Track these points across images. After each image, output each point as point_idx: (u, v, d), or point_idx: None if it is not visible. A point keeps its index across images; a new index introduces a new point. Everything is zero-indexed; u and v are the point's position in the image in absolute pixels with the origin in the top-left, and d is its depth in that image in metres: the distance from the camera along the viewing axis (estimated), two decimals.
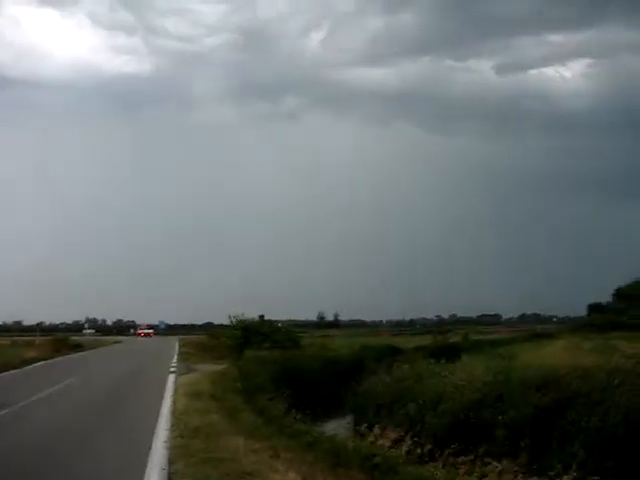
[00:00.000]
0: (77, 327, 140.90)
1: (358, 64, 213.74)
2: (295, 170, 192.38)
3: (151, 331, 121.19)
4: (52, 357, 41.77)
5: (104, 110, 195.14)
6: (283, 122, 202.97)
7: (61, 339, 58.29)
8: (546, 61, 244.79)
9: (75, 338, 69.23)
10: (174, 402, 17.90)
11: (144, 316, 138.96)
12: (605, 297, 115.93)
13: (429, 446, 17.38)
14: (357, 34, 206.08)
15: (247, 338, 41.98)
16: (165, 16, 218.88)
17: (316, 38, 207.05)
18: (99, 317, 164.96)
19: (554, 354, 32.11)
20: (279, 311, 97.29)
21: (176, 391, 20.75)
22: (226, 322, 49.16)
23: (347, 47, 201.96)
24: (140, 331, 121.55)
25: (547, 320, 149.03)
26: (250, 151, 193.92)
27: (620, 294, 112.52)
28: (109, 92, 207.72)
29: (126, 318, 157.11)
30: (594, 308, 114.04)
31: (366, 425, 22.23)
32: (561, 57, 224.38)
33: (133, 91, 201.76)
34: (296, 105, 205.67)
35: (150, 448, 11.45)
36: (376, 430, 21.00)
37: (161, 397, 19.16)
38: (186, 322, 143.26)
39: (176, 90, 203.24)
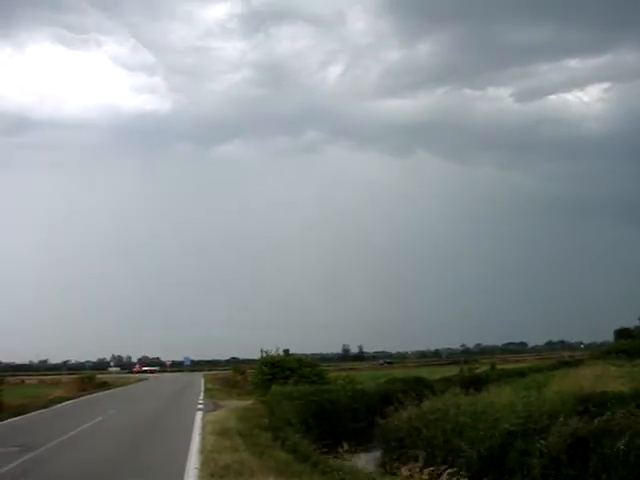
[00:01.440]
0: (102, 365, 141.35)
1: (376, 96, 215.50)
2: (314, 204, 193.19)
3: (154, 368, 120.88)
4: (79, 396, 41.82)
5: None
6: (303, 155, 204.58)
7: (88, 377, 58.36)
8: (565, 86, 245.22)
9: (101, 376, 69.30)
10: (202, 440, 17.81)
11: (169, 352, 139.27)
12: (632, 322, 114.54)
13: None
14: (374, 67, 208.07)
15: (273, 373, 41.80)
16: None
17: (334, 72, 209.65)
18: (124, 354, 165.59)
19: (583, 382, 31.67)
20: (304, 345, 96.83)
21: (204, 428, 20.67)
22: (250, 357, 49.18)
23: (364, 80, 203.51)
24: (137, 369, 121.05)
25: (574, 347, 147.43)
26: (271, 185, 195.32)
27: None
28: (130, 129, 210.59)
29: (152, 355, 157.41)
30: (621, 333, 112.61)
31: (397, 459, 21.97)
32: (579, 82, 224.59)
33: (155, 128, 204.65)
34: (316, 138, 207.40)
35: None
36: (405, 464, 20.71)
37: (189, 435, 19.04)
38: (211, 358, 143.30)
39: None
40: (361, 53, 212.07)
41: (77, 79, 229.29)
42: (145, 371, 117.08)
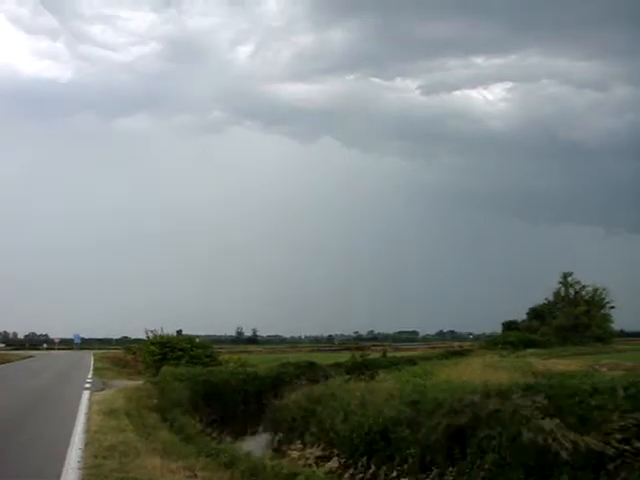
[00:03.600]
0: None
1: (285, 79, 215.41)
2: (218, 185, 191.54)
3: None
4: None
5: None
6: (208, 135, 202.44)
7: None
8: (470, 83, 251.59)
9: None
10: (88, 420, 17.46)
11: (58, 329, 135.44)
12: (519, 315, 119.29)
13: (347, 462, 17.45)
14: (285, 50, 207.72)
15: (164, 354, 41.36)
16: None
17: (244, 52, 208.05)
18: (10, 330, 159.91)
19: (469, 372, 32.71)
20: (197, 326, 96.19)
21: (90, 408, 20.26)
22: (143, 336, 48.38)
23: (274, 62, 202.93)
24: None
25: (464, 337, 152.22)
26: (172, 164, 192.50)
27: (533, 313, 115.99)
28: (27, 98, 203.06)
29: (39, 332, 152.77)
30: (509, 325, 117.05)
31: (284, 442, 22.17)
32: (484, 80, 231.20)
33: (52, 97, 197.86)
34: (222, 118, 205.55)
35: (62, 468, 11.13)
36: (297, 447, 20.93)
37: (74, 416, 18.60)
38: (102, 336, 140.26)
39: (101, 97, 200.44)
40: (273, 35, 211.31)
41: None
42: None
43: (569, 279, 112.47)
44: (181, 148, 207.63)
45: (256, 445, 22.14)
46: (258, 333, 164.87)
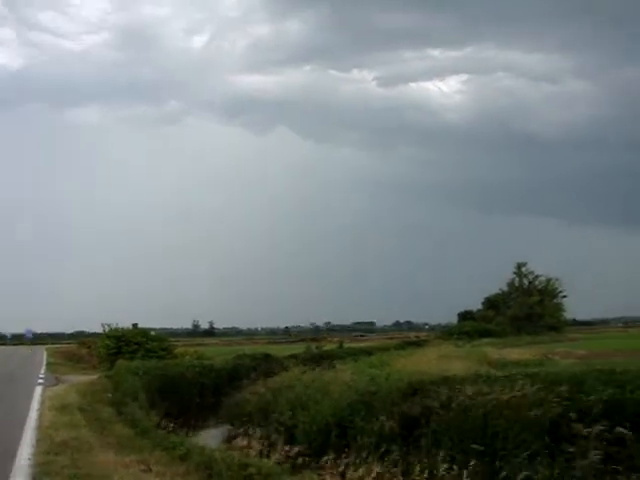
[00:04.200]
0: None
1: (241, 70, 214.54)
2: (173, 177, 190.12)
3: None
4: None
5: None
6: (163, 126, 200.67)
7: None
8: (426, 75, 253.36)
9: None
10: (40, 416, 17.20)
11: (8, 324, 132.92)
12: (476, 306, 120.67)
13: (303, 453, 17.48)
14: (241, 40, 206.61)
15: (119, 347, 40.95)
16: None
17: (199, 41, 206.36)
18: None
19: (425, 362, 33.03)
20: (153, 320, 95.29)
21: (42, 404, 19.97)
22: (97, 330, 47.88)
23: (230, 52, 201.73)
24: None
25: (420, 327, 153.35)
26: (125, 155, 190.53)
27: (488, 303, 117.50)
28: None
29: None
30: (464, 316, 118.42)
31: (240, 434, 22.13)
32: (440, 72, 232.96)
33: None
34: (177, 109, 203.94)
35: (12, 466, 10.93)
36: (251, 439, 20.91)
37: (26, 412, 18.29)
38: (55, 331, 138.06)
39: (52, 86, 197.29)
40: (228, 25, 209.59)
41: None
42: None
43: (523, 269, 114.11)
44: (135, 139, 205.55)
45: (212, 438, 22.06)
46: (215, 325, 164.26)
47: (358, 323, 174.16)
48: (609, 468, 10.51)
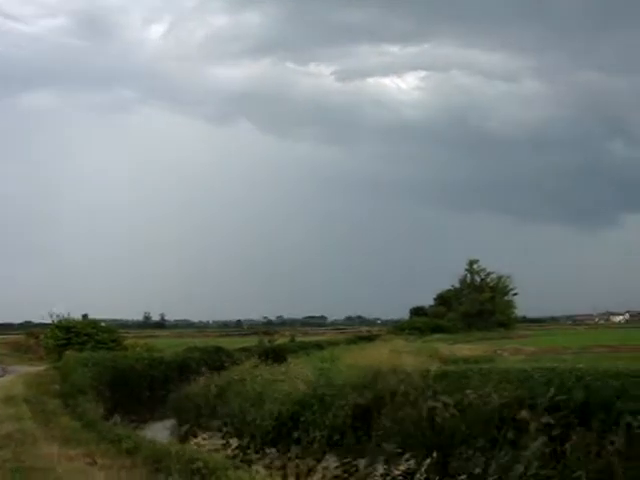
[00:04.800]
0: None
1: (199, 60, 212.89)
2: (123, 166, 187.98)
3: None
4: None
5: None
6: (118, 114, 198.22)
7: None
8: (383, 71, 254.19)
9: None
10: None
11: None
12: (428, 301, 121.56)
13: (253, 448, 17.45)
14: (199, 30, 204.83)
15: (69, 338, 40.29)
16: None
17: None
18: None
19: (376, 356, 33.12)
20: (104, 311, 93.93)
21: None
22: (46, 321, 46.95)
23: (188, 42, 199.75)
24: None
25: (371, 322, 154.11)
26: (79, 142, 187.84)
27: (440, 299, 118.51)
28: None
29: None
30: (416, 311, 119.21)
31: (189, 428, 21.97)
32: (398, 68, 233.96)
33: None
34: (132, 97, 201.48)
35: None
36: (199, 433, 20.77)
37: None
38: (2, 321, 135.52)
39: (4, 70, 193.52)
40: (187, 15, 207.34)
41: None
42: None
43: (475, 266, 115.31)
44: (89, 126, 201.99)
45: (161, 431, 21.88)
46: (166, 318, 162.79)
47: (310, 317, 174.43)
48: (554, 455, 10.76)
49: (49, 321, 44.69)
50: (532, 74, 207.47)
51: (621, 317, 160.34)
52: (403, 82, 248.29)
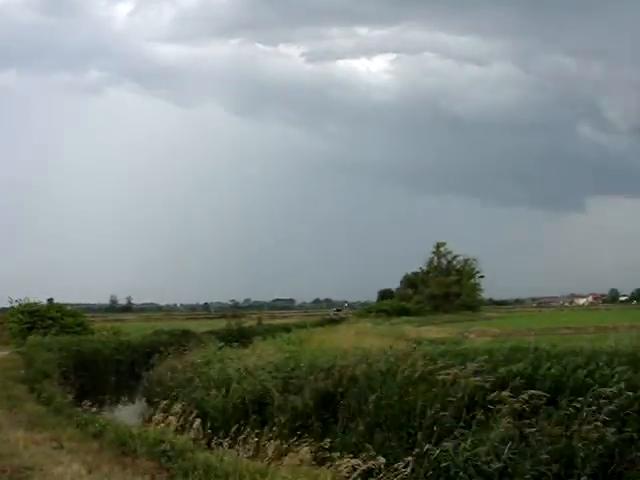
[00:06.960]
0: None
1: (167, 40, 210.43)
2: (91, 147, 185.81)
3: None
4: None
5: None
6: (85, 95, 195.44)
7: None
8: (353, 53, 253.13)
9: None
10: None
11: None
12: (396, 284, 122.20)
13: (218, 430, 17.53)
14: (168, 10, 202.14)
15: (33, 322, 39.94)
16: None
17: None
18: None
19: (343, 339, 33.37)
20: (69, 294, 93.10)
21: None
22: (9, 304, 46.39)
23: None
24: None
25: (339, 305, 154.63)
26: (45, 123, 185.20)
27: (407, 281, 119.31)
28: None
29: None
30: (384, 294, 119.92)
31: (156, 411, 21.98)
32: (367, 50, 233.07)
33: None
34: (101, 78, 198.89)
35: None
36: (167, 415, 20.79)
37: None
38: None
39: None
40: None
41: None
42: None
43: (442, 249, 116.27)
44: (55, 107, 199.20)
45: (128, 415, 21.86)
46: (132, 301, 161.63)
47: (278, 300, 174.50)
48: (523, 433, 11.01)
49: (10, 305, 44.22)
50: (503, 58, 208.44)
51: (585, 299, 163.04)
52: (373, 64, 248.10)
